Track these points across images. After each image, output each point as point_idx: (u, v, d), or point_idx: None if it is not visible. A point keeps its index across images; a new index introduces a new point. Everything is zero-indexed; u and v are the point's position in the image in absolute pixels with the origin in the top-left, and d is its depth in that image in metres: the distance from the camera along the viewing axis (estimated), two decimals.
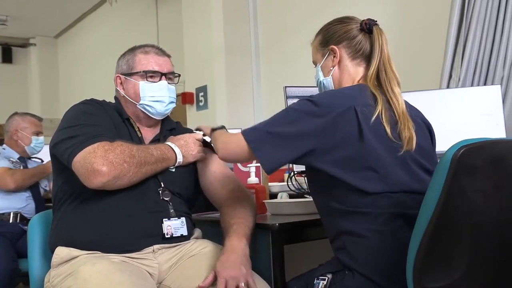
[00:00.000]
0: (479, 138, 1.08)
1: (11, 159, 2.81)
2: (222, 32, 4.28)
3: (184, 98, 4.67)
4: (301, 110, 1.28)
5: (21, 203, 2.74)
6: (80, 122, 1.44)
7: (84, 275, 1.28)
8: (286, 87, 2.18)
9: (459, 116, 2.21)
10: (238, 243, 1.38)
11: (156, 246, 1.43)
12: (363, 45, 1.40)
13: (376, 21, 1.41)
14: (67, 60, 8.11)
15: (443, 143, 2.19)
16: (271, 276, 1.47)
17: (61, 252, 1.39)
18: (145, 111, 1.57)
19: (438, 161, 1.08)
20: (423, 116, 1.45)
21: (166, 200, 1.48)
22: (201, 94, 4.49)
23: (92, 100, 1.58)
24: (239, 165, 1.91)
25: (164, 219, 1.44)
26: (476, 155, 1.04)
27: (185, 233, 1.48)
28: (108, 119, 1.51)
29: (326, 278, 1.29)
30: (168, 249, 1.45)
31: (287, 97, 2.23)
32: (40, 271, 1.54)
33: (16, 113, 2.99)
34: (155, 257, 1.42)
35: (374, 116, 1.28)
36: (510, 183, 1.06)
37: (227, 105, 4.25)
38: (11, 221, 2.72)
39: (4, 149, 2.88)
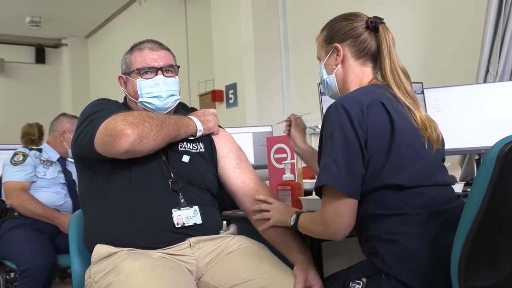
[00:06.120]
0: None
1: (41, 158, 2.78)
2: (251, 29, 4.28)
3: (214, 96, 4.69)
4: (339, 130, 1.24)
5: (60, 200, 2.78)
6: (94, 111, 1.48)
7: (125, 271, 1.30)
8: (320, 83, 2.15)
9: (496, 111, 2.16)
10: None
11: (192, 240, 1.44)
12: (368, 43, 1.37)
13: (383, 19, 1.37)
14: (98, 60, 8.25)
15: (480, 139, 2.17)
16: None
17: (100, 249, 1.42)
18: (146, 108, 1.57)
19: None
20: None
21: (176, 190, 1.48)
22: (231, 91, 4.50)
23: (104, 98, 1.62)
24: (273, 161, 1.91)
25: (173, 209, 1.44)
26: None
27: (198, 221, 1.46)
28: (122, 110, 1.52)
29: (361, 282, 1.27)
30: (205, 244, 1.46)
31: (321, 94, 2.23)
32: (81, 267, 1.58)
33: (64, 114, 2.96)
34: (192, 253, 1.43)
35: (401, 109, 1.28)
36: None
37: (256, 102, 4.24)
38: None
39: (39, 150, 2.82)
